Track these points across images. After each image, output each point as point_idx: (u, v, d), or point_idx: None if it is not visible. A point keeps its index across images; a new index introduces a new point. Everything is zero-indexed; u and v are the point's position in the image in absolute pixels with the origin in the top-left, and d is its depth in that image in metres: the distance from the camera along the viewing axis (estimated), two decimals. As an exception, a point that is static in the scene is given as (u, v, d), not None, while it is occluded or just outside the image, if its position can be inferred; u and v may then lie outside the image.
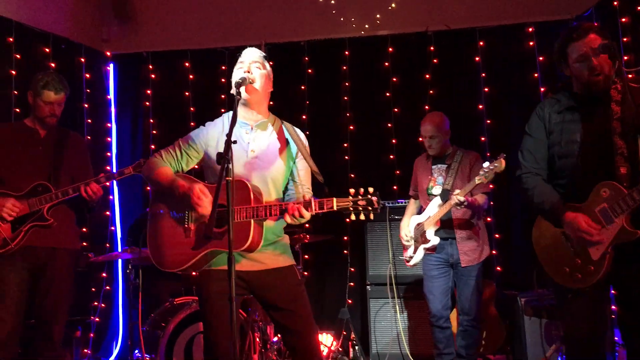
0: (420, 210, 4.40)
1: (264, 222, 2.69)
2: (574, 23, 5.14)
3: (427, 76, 5.48)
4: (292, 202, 2.60)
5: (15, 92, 4.75)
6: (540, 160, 2.83)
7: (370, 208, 2.48)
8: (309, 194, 2.87)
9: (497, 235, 5.19)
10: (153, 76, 5.89)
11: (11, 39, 4.77)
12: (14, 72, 4.77)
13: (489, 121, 5.38)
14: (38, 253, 3.47)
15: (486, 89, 5.41)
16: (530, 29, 5.33)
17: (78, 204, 3.57)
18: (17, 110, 4.67)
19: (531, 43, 5.32)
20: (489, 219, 5.02)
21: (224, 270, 2.37)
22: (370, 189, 2.49)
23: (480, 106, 5.41)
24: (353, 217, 2.50)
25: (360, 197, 2.49)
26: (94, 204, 3.56)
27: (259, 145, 2.83)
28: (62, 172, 3.57)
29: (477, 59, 5.43)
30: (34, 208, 3.43)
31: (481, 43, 5.42)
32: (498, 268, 5.17)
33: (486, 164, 3.76)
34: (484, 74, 5.42)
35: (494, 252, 5.01)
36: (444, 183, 4.19)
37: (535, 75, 5.29)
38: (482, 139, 5.36)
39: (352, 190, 2.51)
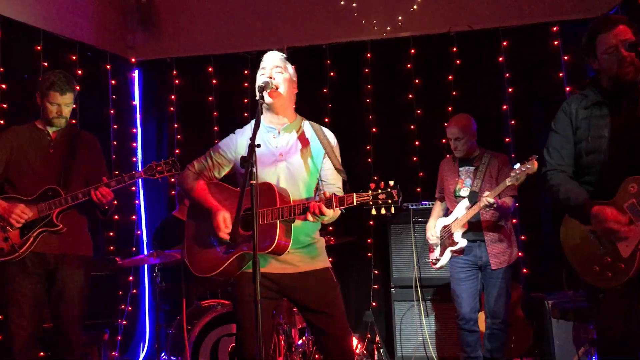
0: (446, 213, 4.38)
1: (293, 223, 2.68)
2: (599, 21, 5.06)
3: (450, 77, 5.45)
4: (313, 201, 2.59)
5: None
6: (567, 157, 2.78)
7: (390, 201, 2.45)
8: (340, 193, 2.83)
9: (523, 237, 5.13)
10: (177, 82, 5.96)
11: (39, 47, 4.87)
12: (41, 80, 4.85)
13: (513, 122, 5.33)
14: (48, 259, 3.40)
15: (510, 90, 5.36)
16: (555, 28, 5.27)
17: (90, 208, 3.47)
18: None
19: (556, 42, 5.26)
20: (514, 220, 4.97)
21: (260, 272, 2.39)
22: (391, 182, 2.46)
23: (505, 107, 5.36)
24: (374, 211, 2.47)
25: (380, 190, 2.46)
26: (105, 207, 3.43)
27: (286, 149, 2.84)
28: (73, 175, 3.48)
29: (500, 59, 5.38)
30: (44, 213, 3.35)
31: (505, 43, 5.37)
32: (524, 270, 5.11)
33: (517, 166, 3.70)
34: (507, 74, 5.37)
35: (520, 254, 4.96)
36: (472, 185, 4.14)
37: (560, 74, 5.23)
38: (507, 139, 5.31)
39: (372, 185, 2.49)
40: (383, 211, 2.46)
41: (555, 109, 2.91)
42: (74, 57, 5.26)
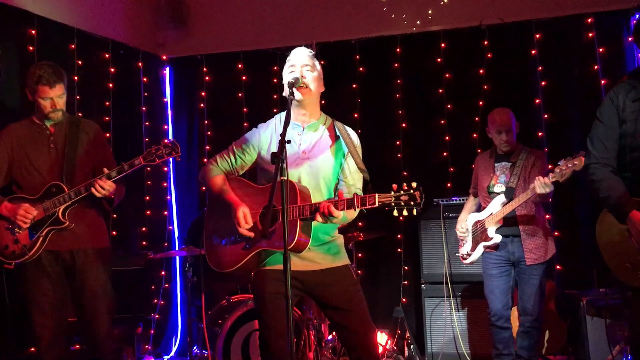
0: (478, 208, 4.33)
1: (313, 222, 2.67)
2: (636, 13, 4.94)
3: (481, 71, 5.38)
4: (324, 201, 2.58)
5: (78, 97, 4.93)
6: (611, 149, 2.67)
7: (412, 203, 2.41)
8: (359, 194, 2.84)
9: (556, 233, 5.04)
10: (207, 78, 6.01)
11: (73, 46, 4.95)
12: (76, 78, 4.95)
13: (546, 116, 5.24)
14: (63, 256, 3.36)
15: (543, 83, 5.25)
16: (589, 20, 5.14)
17: (98, 199, 3.34)
18: (80, 114, 4.84)
19: (590, 34, 5.14)
20: (548, 216, 4.89)
21: (279, 270, 2.40)
22: (414, 184, 2.42)
23: (537, 100, 5.26)
24: (396, 212, 2.43)
25: (402, 192, 2.43)
26: (111, 196, 3.31)
27: (310, 146, 2.84)
28: (77, 168, 3.37)
29: (533, 52, 5.29)
30: (49, 212, 3.27)
31: (537, 36, 5.27)
32: (558, 267, 5.02)
33: (562, 162, 3.62)
34: (540, 68, 5.27)
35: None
36: (508, 181, 4.07)
37: (595, 67, 5.10)
38: (540, 134, 5.22)
39: (394, 186, 2.45)
40: (405, 213, 2.42)
41: (590, 101, 2.86)
42: (106, 55, 5.34)
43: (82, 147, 3.44)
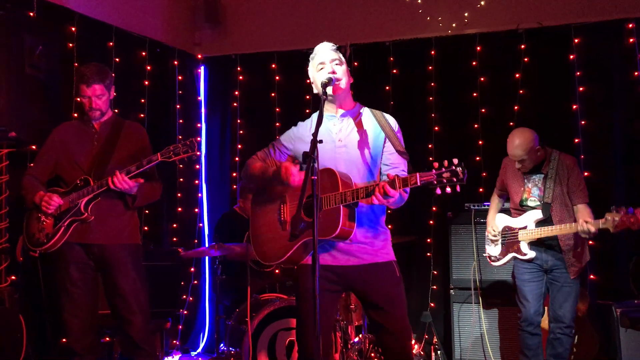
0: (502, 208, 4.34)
1: (357, 208, 2.65)
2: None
3: (517, 75, 5.29)
4: (366, 183, 2.58)
5: (114, 93, 4.99)
6: None
7: (455, 179, 2.38)
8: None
9: (591, 242, 4.92)
10: (241, 78, 6.05)
11: (111, 44, 5.04)
12: (113, 75, 5.01)
13: (583, 122, 5.12)
14: (92, 250, 3.41)
15: (581, 89, 5.15)
16: (630, 25, 5.02)
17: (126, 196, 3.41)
18: (117, 110, 4.91)
19: (631, 40, 5.02)
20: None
21: (322, 265, 2.39)
22: (455, 160, 2.40)
23: (575, 106, 5.16)
24: (439, 190, 2.40)
25: (444, 169, 2.40)
26: (133, 193, 3.35)
27: (345, 135, 2.85)
28: (109, 166, 3.39)
29: (571, 57, 5.18)
30: (74, 203, 3.33)
31: (576, 40, 5.16)
32: (592, 276, 4.91)
33: (622, 213, 3.65)
34: (578, 73, 5.16)
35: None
36: (543, 196, 4.01)
37: (636, 73, 4.97)
38: (576, 140, 5.11)
39: (435, 164, 2.43)
40: (448, 190, 2.39)
41: (630, 108, 2.77)
42: (143, 54, 5.43)
43: (120, 147, 3.50)
